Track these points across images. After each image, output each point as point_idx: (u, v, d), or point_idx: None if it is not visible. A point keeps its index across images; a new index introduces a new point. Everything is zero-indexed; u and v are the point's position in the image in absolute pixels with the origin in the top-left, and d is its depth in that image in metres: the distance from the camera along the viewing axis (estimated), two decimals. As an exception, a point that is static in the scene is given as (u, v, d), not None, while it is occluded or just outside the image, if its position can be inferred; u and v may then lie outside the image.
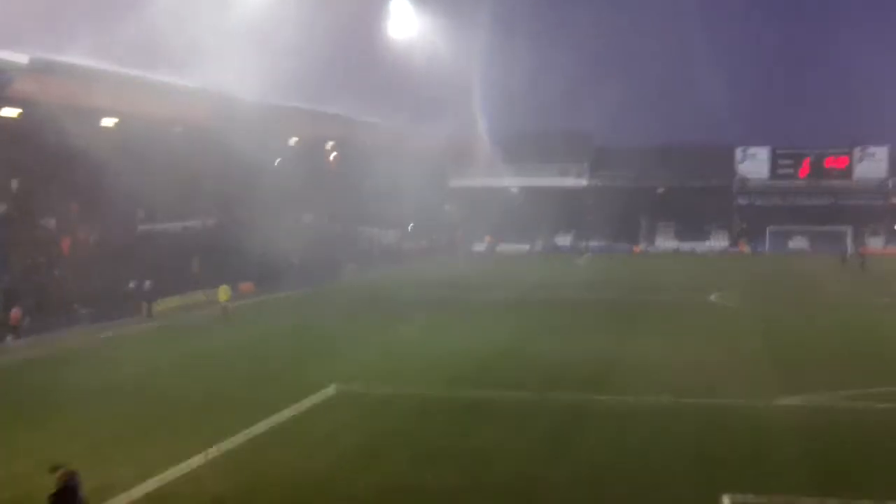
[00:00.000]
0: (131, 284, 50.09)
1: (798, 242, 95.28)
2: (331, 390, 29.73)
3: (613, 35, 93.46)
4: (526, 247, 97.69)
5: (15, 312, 42.82)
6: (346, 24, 66.57)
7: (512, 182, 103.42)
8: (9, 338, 41.81)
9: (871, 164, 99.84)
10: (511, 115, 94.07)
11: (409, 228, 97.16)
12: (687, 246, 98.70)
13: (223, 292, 49.45)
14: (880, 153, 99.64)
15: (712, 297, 55.38)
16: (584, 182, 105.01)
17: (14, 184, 53.89)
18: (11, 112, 47.73)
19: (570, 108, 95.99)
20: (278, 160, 69.69)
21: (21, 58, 42.48)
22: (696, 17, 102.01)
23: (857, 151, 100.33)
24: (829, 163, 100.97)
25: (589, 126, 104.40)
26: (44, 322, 43.33)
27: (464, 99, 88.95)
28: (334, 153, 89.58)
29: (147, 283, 50.16)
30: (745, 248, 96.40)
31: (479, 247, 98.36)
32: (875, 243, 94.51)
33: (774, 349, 37.61)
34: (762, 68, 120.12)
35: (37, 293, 45.40)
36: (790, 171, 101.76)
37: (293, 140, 76.80)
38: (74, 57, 47.12)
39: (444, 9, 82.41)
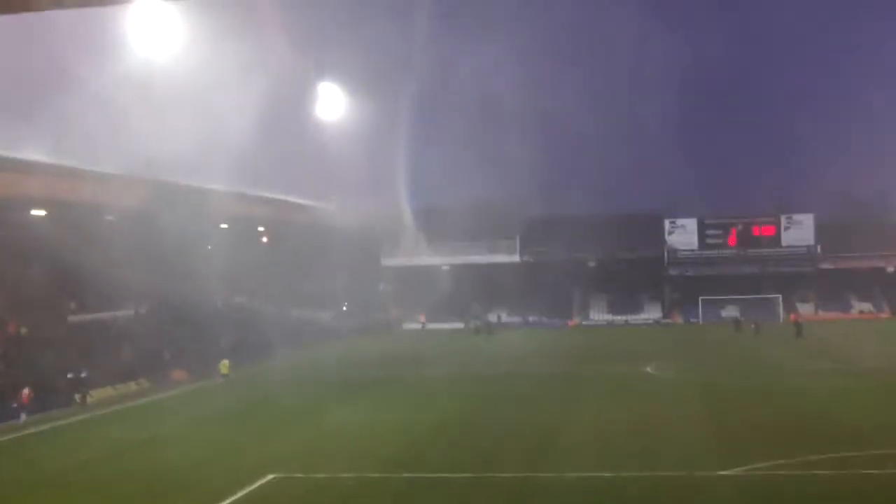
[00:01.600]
0: (69, 375, 49.44)
1: (730, 311, 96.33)
2: (269, 476, 29.41)
3: (538, 105, 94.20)
4: (459, 325, 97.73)
5: (27, 392, 44.98)
6: (275, 106, 66.77)
7: (443, 260, 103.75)
8: (22, 416, 44.22)
9: (798, 232, 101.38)
10: (438, 191, 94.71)
11: (343, 308, 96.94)
12: (621, 318, 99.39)
13: (224, 366, 56.96)
14: (807, 220, 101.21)
15: (649, 368, 55.71)
16: (515, 258, 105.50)
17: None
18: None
19: (497, 181, 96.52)
20: (209, 245, 69.38)
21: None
22: (621, 88, 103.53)
23: (783, 219, 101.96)
24: (756, 231, 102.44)
25: (517, 198, 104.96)
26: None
27: (391, 178, 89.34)
28: (266, 235, 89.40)
29: (83, 373, 49.61)
30: (679, 319, 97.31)
31: (413, 325, 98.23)
32: (805, 309, 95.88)
33: (713, 419, 37.83)
34: (687, 138, 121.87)
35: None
36: (719, 240, 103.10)
37: (224, 224, 76.58)
38: (1, 149, 46.79)
39: (370, 90, 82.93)
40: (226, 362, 57.69)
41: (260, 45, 61.50)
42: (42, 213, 55.08)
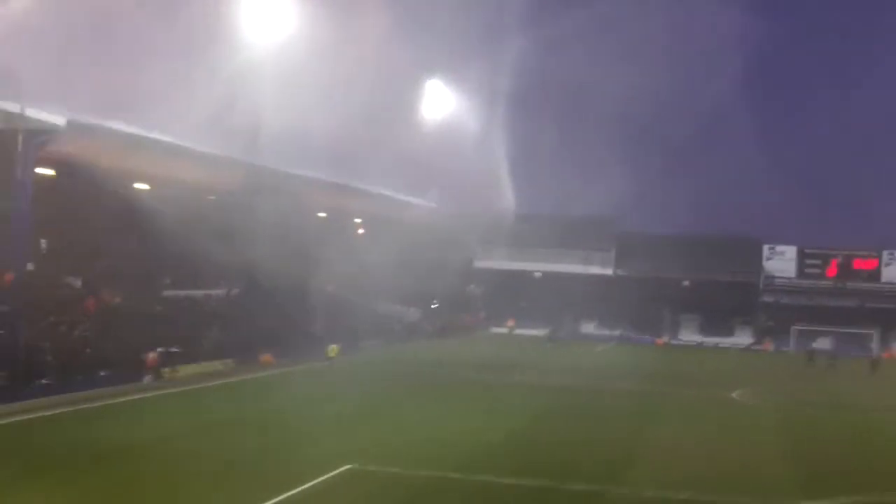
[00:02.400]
0: (159, 349, 50.23)
1: (822, 343, 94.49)
2: (345, 468, 29.47)
3: (642, 119, 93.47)
4: (547, 332, 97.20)
5: (153, 355, 48.01)
6: (381, 102, 67.20)
7: (536, 267, 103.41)
8: (147, 378, 47.09)
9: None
10: (537, 198, 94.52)
11: (433, 307, 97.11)
12: (711, 340, 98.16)
13: (332, 350, 57.92)
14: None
15: (734, 395, 54.89)
16: (609, 271, 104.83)
17: (43, 243, 54.23)
18: (46, 172, 48.20)
19: (595, 192, 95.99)
20: (305, 233, 69.94)
21: (59, 119, 42.96)
22: (729, 112, 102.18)
23: (885, 254, 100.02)
24: (857, 264, 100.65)
25: (614, 211, 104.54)
26: (65, 381, 43.28)
27: (492, 180, 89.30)
28: (362, 228, 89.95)
29: (171, 349, 50.39)
30: (770, 346, 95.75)
31: (501, 329, 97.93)
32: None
33: (796, 450, 37.15)
34: (793, 166, 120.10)
35: (58, 352, 45.38)
36: (817, 270, 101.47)
37: (322, 213, 77.15)
38: (112, 121, 47.62)
39: (476, 90, 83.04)
40: (334, 346, 58.64)
41: (367, 38, 61.91)
42: (145, 187, 55.99)
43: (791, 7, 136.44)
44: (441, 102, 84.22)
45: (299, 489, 26.59)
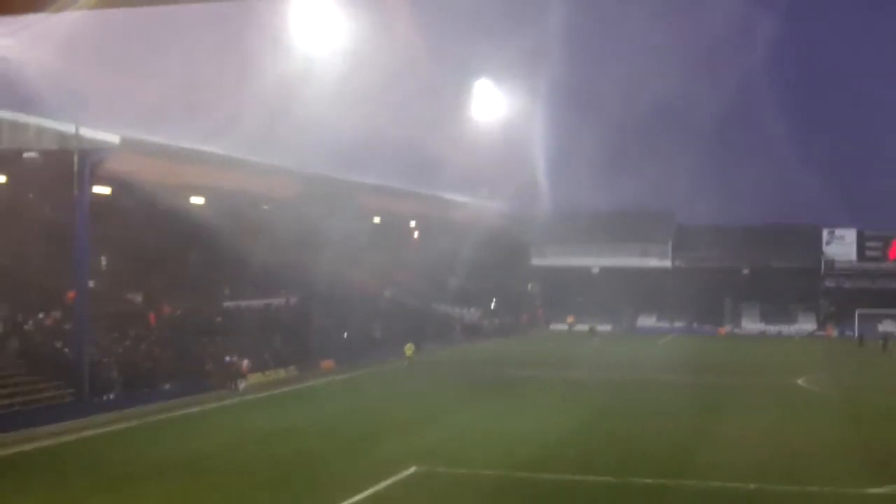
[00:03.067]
0: (227, 359, 50.65)
1: (888, 326, 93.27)
2: (411, 469, 29.52)
3: (697, 111, 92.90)
4: (607, 327, 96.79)
5: (246, 363, 50.62)
6: (431, 104, 67.35)
7: (593, 262, 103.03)
8: (242, 384, 49.55)
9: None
10: (591, 193, 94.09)
11: (492, 306, 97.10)
12: (773, 328, 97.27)
13: (409, 349, 60.55)
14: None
15: (800, 381, 54.36)
16: (667, 263, 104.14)
17: (102, 260, 54.84)
18: (102, 190, 48.72)
19: (651, 185, 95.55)
20: (361, 238, 70.23)
21: (112, 137, 43.37)
22: (784, 100, 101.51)
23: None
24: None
25: (670, 204, 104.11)
26: (131, 395, 43.78)
27: (545, 178, 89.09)
28: (417, 230, 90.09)
29: (242, 360, 50.85)
30: (833, 332, 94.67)
31: (560, 325, 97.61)
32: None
33: (863, 436, 36.72)
34: (848, 150, 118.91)
35: (123, 367, 45.91)
36: (878, 253, 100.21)
37: (377, 217, 77.36)
38: (164, 137, 48.05)
39: (526, 89, 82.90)
40: (410, 345, 60.94)
41: (416, 40, 62.05)
42: (200, 200, 56.43)
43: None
44: (491, 101, 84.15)
45: (366, 493, 26.65)
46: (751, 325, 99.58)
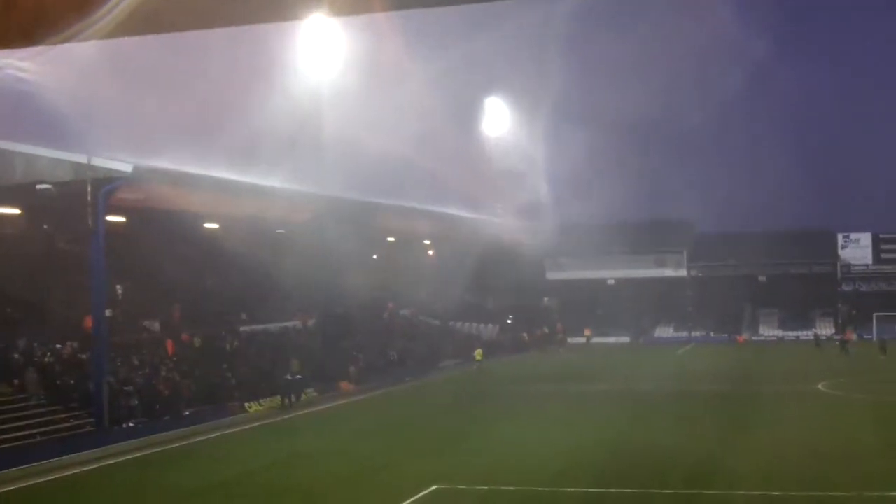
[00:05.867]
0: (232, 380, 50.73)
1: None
2: (433, 487, 29.43)
3: (709, 121, 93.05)
4: (625, 339, 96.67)
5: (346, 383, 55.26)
6: (442, 122, 67.50)
7: (609, 274, 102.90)
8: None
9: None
10: (604, 205, 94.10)
11: (508, 321, 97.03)
12: (792, 334, 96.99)
13: (478, 354, 70.14)
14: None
15: (821, 386, 54.14)
16: (683, 272, 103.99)
17: (119, 289, 54.97)
18: (116, 219, 48.91)
19: (665, 195, 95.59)
20: (376, 258, 70.37)
21: (125, 166, 43.54)
22: (793, 105, 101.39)
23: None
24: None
25: (685, 213, 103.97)
26: (151, 423, 43.84)
27: (556, 192, 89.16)
28: (431, 249, 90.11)
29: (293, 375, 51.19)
30: (853, 336, 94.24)
31: (578, 339, 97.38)
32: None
33: (887, 439, 36.51)
34: (862, 154, 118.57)
35: (143, 394, 45.98)
36: (894, 255, 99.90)
37: (391, 237, 77.44)
38: (176, 163, 48.19)
39: (535, 105, 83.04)
40: (479, 350, 70.44)
41: (425, 60, 62.24)
42: (214, 225, 56.58)
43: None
44: (501, 118, 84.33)
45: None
46: (769, 331, 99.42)
